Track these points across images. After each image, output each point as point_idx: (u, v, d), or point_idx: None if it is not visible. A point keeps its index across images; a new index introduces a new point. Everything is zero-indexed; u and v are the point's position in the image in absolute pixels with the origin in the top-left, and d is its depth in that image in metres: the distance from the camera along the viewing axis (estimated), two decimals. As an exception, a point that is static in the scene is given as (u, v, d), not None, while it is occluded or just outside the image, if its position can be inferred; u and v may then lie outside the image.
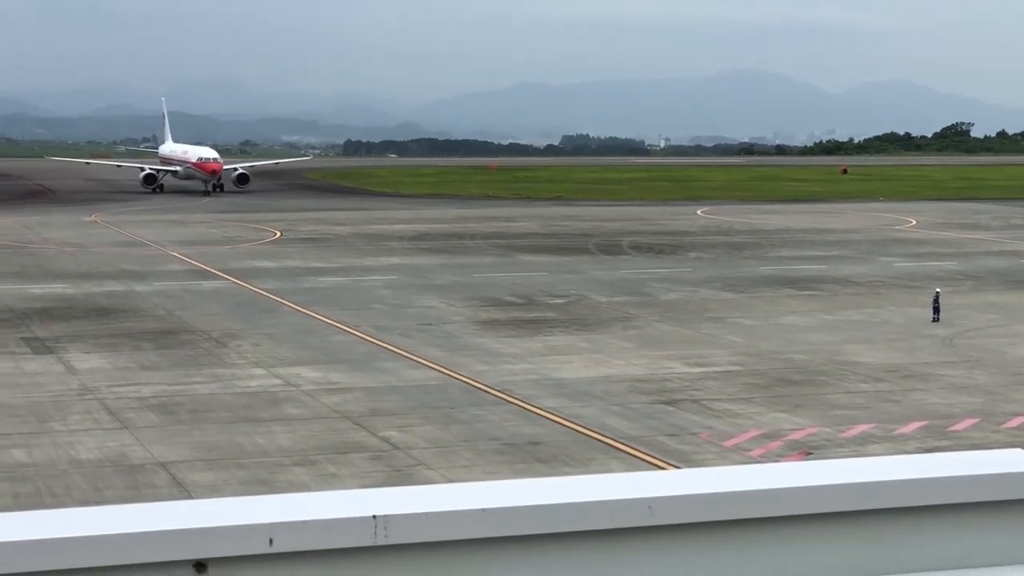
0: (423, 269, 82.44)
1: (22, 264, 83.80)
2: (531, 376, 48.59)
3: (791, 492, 4.24)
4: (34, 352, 53.09)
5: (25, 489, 33.97)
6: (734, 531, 4.18)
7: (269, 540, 3.76)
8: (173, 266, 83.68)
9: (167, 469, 35.87)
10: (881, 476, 4.36)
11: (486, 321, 61.49)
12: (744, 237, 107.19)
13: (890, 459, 4.62)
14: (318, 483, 34.25)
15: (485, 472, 35.57)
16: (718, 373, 49.61)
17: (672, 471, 4.73)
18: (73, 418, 41.54)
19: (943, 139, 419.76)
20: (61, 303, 66.38)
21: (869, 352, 53.98)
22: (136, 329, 58.59)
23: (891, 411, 43.48)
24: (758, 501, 4.20)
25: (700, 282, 76.48)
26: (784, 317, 63.27)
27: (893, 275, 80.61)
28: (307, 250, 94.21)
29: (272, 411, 42.71)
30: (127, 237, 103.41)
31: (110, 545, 3.68)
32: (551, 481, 4.23)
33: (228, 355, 52.70)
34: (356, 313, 63.46)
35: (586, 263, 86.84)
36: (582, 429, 40.58)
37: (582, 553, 4.07)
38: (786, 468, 4.49)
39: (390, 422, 41.28)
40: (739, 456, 37.80)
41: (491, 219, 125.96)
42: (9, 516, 3.80)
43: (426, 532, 3.90)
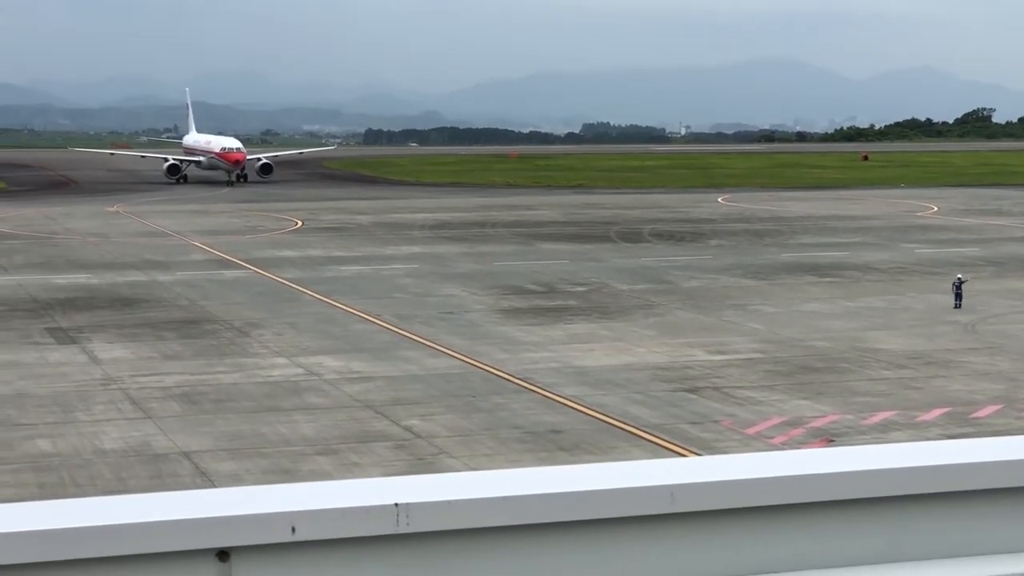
0: (444, 258, 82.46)
1: (46, 255, 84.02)
2: (552, 364, 48.59)
3: (813, 479, 4.24)
4: (58, 342, 53.25)
5: (50, 479, 34.10)
6: (756, 518, 4.18)
7: (292, 528, 3.78)
8: (195, 256, 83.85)
9: (190, 458, 35.97)
10: (904, 463, 4.36)
11: (507, 309, 61.50)
12: (765, 224, 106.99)
13: (912, 446, 4.62)
14: (340, 472, 34.31)
15: (507, 460, 35.60)
16: (740, 360, 49.56)
17: (694, 458, 4.73)
18: (97, 408, 41.68)
19: (964, 125, 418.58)
20: (84, 293, 66.55)
21: (891, 339, 53.87)
22: (159, 319, 58.72)
23: (913, 398, 43.40)
24: (780, 488, 4.21)
25: (721, 269, 76.39)
26: (805, 304, 63.16)
27: (914, 261, 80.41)
28: (329, 239, 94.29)
29: (294, 400, 42.78)
30: (150, 227, 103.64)
31: (133, 534, 3.70)
32: (573, 469, 4.24)
33: (250, 344, 52.80)
34: (377, 302, 63.50)
35: (607, 251, 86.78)
36: (604, 417, 40.58)
37: (604, 541, 4.08)
38: (808, 455, 4.49)
39: (412, 411, 41.33)
40: (761, 443, 37.77)
41: (512, 207, 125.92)
42: (34, 505, 3.82)
43: (448, 520, 3.91)
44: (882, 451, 4.51)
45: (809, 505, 4.24)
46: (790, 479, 4.23)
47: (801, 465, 4.33)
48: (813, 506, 4.24)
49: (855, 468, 4.31)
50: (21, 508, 3.82)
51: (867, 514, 4.29)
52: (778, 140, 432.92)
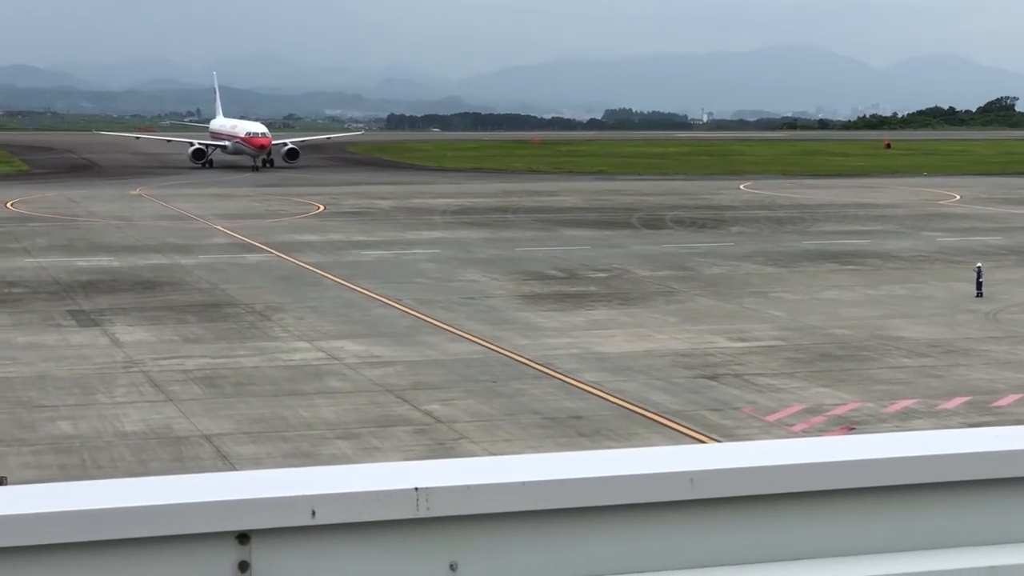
0: (466, 243, 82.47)
1: (68, 237, 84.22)
2: (573, 350, 48.56)
3: (833, 467, 4.25)
4: (79, 325, 53.38)
5: (71, 461, 34.19)
6: (778, 505, 4.19)
7: (312, 512, 3.80)
8: (217, 239, 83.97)
9: (211, 441, 36.04)
10: (924, 450, 4.37)
11: (528, 295, 61.49)
12: (787, 211, 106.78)
13: (933, 433, 4.62)
14: (361, 456, 34.34)
15: (527, 446, 35.60)
16: (760, 348, 49.48)
17: (714, 445, 4.73)
18: (118, 390, 41.77)
19: (987, 114, 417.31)
20: (106, 276, 66.70)
21: (912, 327, 53.75)
22: (180, 302, 58.83)
23: (934, 386, 43.29)
24: (800, 475, 4.21)
25: (742, 256, 76.28)
26: (827, 292, 63.03)
27: (936, 250, 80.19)
28: (350, 224, 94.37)
29: (315, 384, 42.83)
30: (172, 211, 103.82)
31: (154, 516, 3.72)
32: (593, 454, 4.25)
33: (272, 328, 52.87)
34: (398, 287, 63.54)
35: (628, 237, 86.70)
36: (624, 403, 40.56)
37: (624, 526, 4.09)
38: (828, 443, 4.49)
39: (432, 395, 41.35)
40: (781, 431, 37.72)
41: (534, 193, 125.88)
42: (55, 487, 3.84)
43: (467, 505, 3.93)
44: (903, 439, 4.52)
45: (829, 493, 4.24)
46: (810, 466, 4.24)
47: (821, 453, 4.34)
48: (833, 493, 4.25)
49: (875, 456, 4.32)
50: (43, 489, 3.84)
51: (887, 502, 4.29)
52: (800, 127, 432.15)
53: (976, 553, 4.34)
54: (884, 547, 4.29)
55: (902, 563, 4.26)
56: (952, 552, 4.34)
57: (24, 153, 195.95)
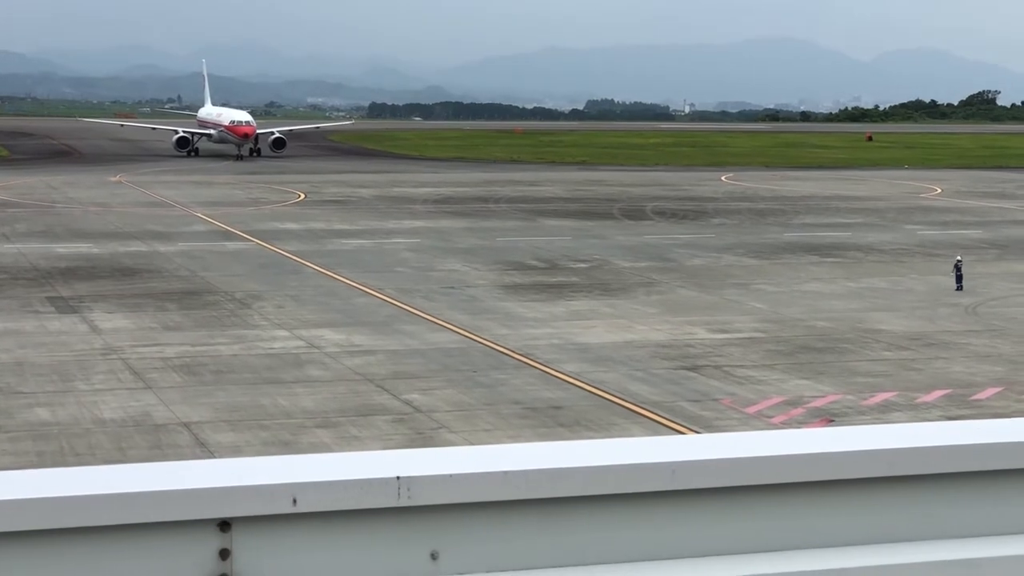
0: (447, 232, 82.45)
1: (47, 223, 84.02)
2: (554, 340, 48.59)
3: (814, 458, 4.24)
4: (58, 311, 53.25)
5: (49, 447, 34.12)
6: (757, 496, 4.19)
7: (293, 500, 3.78)
8: (197, 227, 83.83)
9: (190, 429, 36.00)
10: (903, 443, 4.36)
11: (509, 285, 61.50)
12: (768, 203, 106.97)
13: (912, 426, 4.62)
14: (341, 445, 34.33)
15: (507, 436, 35.63)
16: (741, 339, 49.56)
17: (696, 436, 4.73)
18: (97, 378, 41.69)
19: (969, 107, 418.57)
20: (85, 263, 66.55)
21: (892, 320, 53.88)
22: (160, 289, 58.73)
23: (914, 379, 43.40)
24: (781, 466, 4.21)
25: (724, 248, 76.39)
26: (807, 284, 63.16)
27: (917, 243, 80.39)
28: (331, 212, 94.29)
29: (295, 373, 42.80)
30: (152, 197, 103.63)
31: (134, 503, 3.70)
32: (573, 444, 4.24)
33: (251, 316, 52.80)
34: (379, 276, 63.50)
35: (610, 228, 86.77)
36: (604, 394, 40.60)
37: (605, 516, 4.08)
38: (809, 434, 4.49)
39: (412, 385, 41.34)
40: (761, 423, 37.81)
41: (515, 183, 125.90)
42: (32, 473, 3.82)
43: (449, 494, 3.91)
44: (882, 432, 4.51)
45: (809, 484, 4.24)
46: (790, 458, 4.24)
47: (801, 444, 4.33)
48: (813, 485, 4.24)
49: (854, 448, 4.32)
50: (20, 476, 3.82)
51: (866, 494, 4.29)
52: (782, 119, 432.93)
53: (954, 545, 4.34)
54: (863, 539, 4.29)
55: (881, 555, 4.27)
56: (930, 544, 4.34)
57: (3, 139, 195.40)
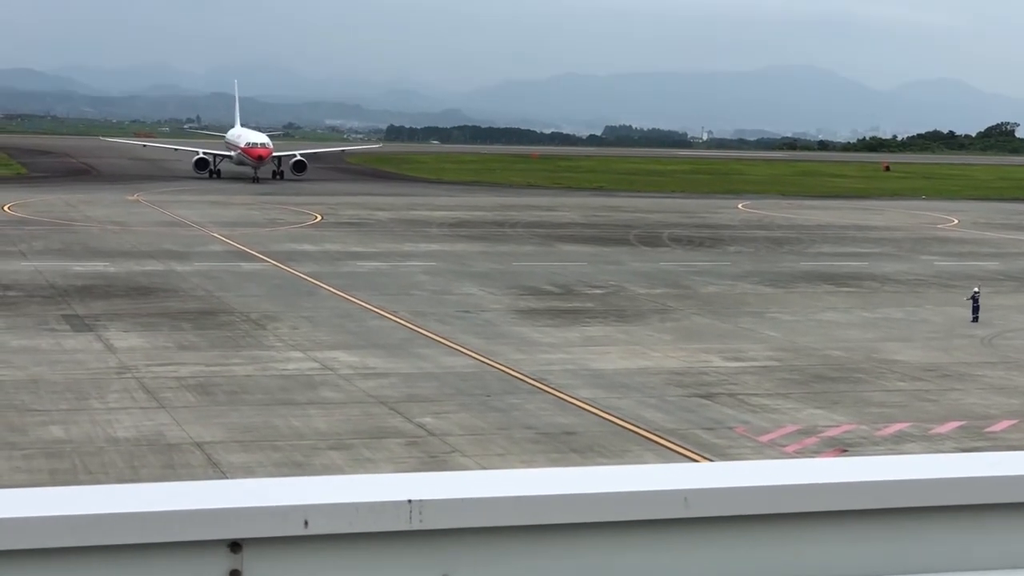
0: (462, 256, 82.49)
1: (65, 241, 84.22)
2: (568, 366, 48.54)
3: (826, 488, 4.24)
4: (74, 329, 53.33)
5: (62, 465, 34.12)
6: (770, 525, 4.18)
7: (304, 522, 3.78)
8: (214, 247, 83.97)
9: (203, 449, 35.99)
10: (917, 474, 4.35)
11: (524, 310, 61.47)
12: (785, 232, 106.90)
13: (926, 457, 4.61)
14: (353, 467, 34.30)
15: (520, 461, 35.57)
16: (755, 368, 49.48)
17: (709, 463, 4.71)
18: (111, 396, 41.71)
19: (987, 139, 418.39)
20: (102, 281, 66.67)
21: (907, 350, 53.76)
22: (175, 309, 58.79)
23: (928, 410, 43.28)
24: (794, 496, 4.20)
25: (739, 276, 76.32)
26: (823, 313, 63.05)
27: (933, 274, 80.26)
28: (347, 234, 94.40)
29: (308, 394, 42.79)
30: (169, 217, 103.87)
31: (146, 523, 3.71)
32: (585, 470, 4.24)
33: (266, 337, 52.83)
34: (394, 298, 63.53)
35: (626, 254, 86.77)
36: (618, 420, 40.53)
37: (617, 544, 4.08)
38: (821, 464, 4.49)
39: (426, 408, 41.31)
40: (774, 451, 37.71)
41: (532, 208, 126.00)
42: (45, 491, 3.83)
43: (461, 518, 3.91)
44: (895, 462, 4.50)
45: (822, 514, 4.23)
46: (803, 487, 4.23)
47: (814, 474, 4.33)
48: (825, 515, 4.23)
49: (867, 478, 4.31)
50: (33, 494, 3.82)
51: (878, 525, 4.28)
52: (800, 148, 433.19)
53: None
54: (875, 570, 4.28)
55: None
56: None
57: (23, 156, 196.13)
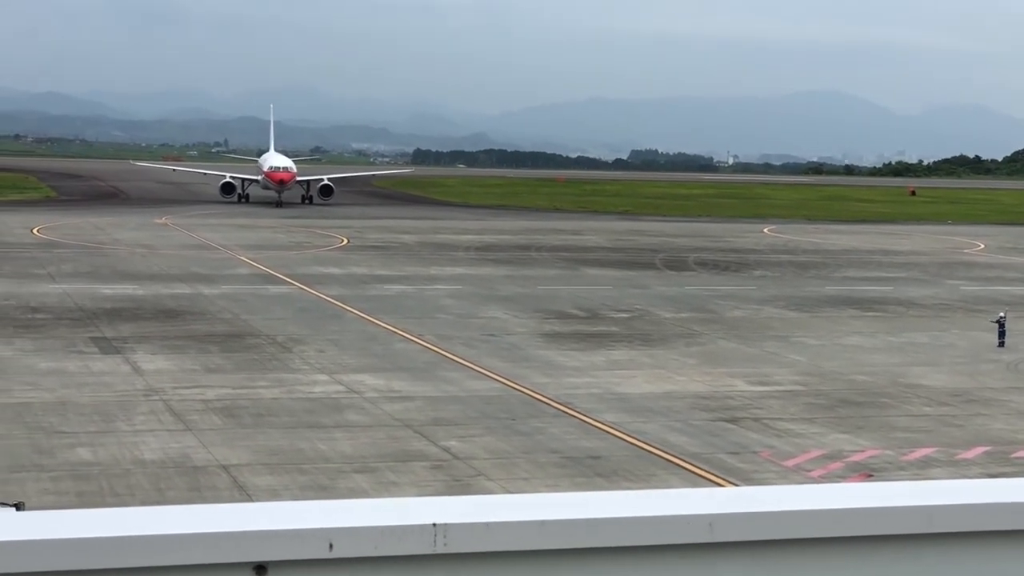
0: (488, 280, 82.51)
1: (93, 264, 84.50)
2: (593, 390, 48.50)
3: (852, 513, 4.23)
4: (102, 352, 53.48)
5: (89, 487, 34.21)
6: (795, 550, 4.18)
7: (329, 545, 3.79)
8: (240, 270, 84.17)
9: (229, 472, 36.04)
10: (943, 499, 4.35)
11: (549, 333, 61.45)
12: (810, 256, 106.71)
13: (952, 483, 4.60)
14: (378, 491, 34.32)
15: (544, 485, 35.54)
16: (780, 392, 49.38)
17: (734, 488, 4.71)
18: (138, 418, 41.81)
19: (1014, 163, 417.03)
20: (130, 304, 66.86)
21: (933, 375, 53.60)
22: (202, 332, 58.93)
23: (954, 435, 43.13)
24: (820, 521, 4.20)
25: (764, 300, 76.19)
26: (848, 338, 62.89)
27: (959, 298, 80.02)
28: (373, 257, 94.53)
29: (334, 417, 42.83)
30: (196, 240, 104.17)
31: (171, 545, 3.73)
32: (610, 495, 4.24)
33: (292, 360, 52.90)
34: (420, 322, 63.56)
35: (651, 278, 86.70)
36: (643, 444, 40.47)
37: (641, 568, 4.08)
38: (847, 489, 4.48)
39: (451, 432, 41.31)
40: (799, 476, 37.61)
41: (558, 232, 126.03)
42: (72, 513, 3.85)
43: (485, 542, 3.92)
44: (921, 487, 4.50)
45: (847, 539, 4.23)
46: (829, 512, 4.23)
47: (839, 499, 4.33)
48: (851, 540, 4.23)
49: (893, 504, 4.30)
50: (60, 516, 3.85)
51: (904, 551, 4.28)
52: (826, 172, 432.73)
53: None
54: None
55: None
56: None
57: (52, 180, 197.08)
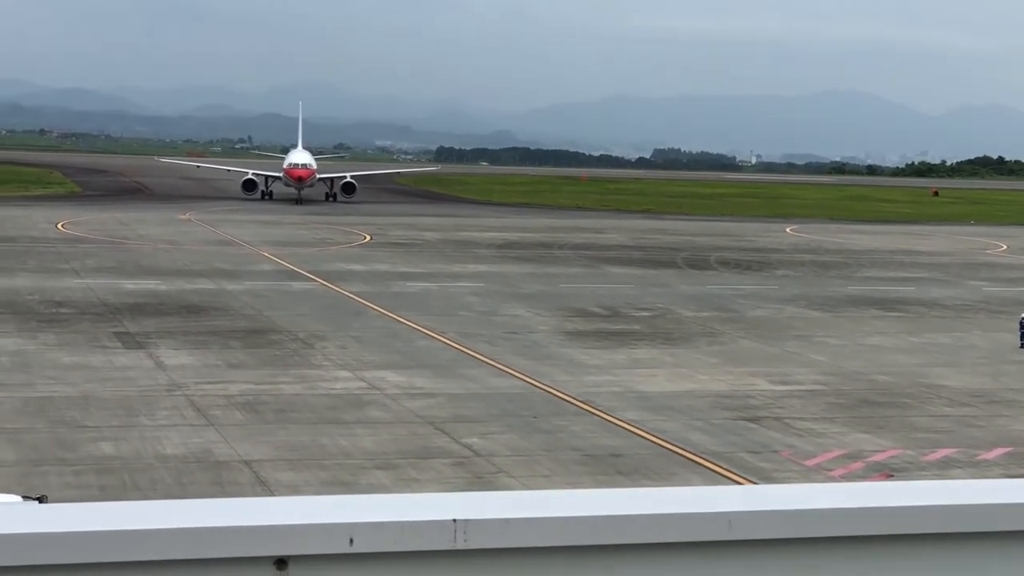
0: (511, 277, 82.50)
1: (117, 259, 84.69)
2: (614, 388, 48.47)
3: (871, 512, 4.24)
4: (125, 347, 53.59)
5: (112, 481, 34.29)
6: (814, 549, 4.19)
7: (350, 539, 3.82)
8: (264, 266, 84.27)
9: (251, 467, 36.10)
10: (964, 499, 4.35)
11: (571, 332, 61.42)
12: (832, 256, 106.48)
13: (973, 483, 4.60)
14: (399, 487, 34.34)
15: (566, 482, 35.52)
16: (802, 392, 49.30)
17: (753, 486, 4.72)
18: (160, 413, 41.88)
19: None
20: (153, 299, 66.98)
21: (954, 376, 53.46)
22: (225, 327, 59.02)
23: (975, 436, 43.01)
24: (838, 519, 4.21)
25: (786, 300, 76.06)
26: (869, 338, 62.76)
27: (981, 299, 79.79)
28: (396, 254, 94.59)
29: (356, 414, 42.86)
30: (219, 236, 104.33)
31: (192, 538, 3.75)
32: (629, 492, 4.26)
33: (314, 356, 52.96)
34: (442, 319, 63.57)
35: (673, 277, 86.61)
36: (664, 443, 40.45)
37: (660, 565, 4.09)
38: (867, 488, 4.49)
39: (472, 429, 41.32)
40: (820, 476, 37.55)
41: (580, 230, 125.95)
42: (95, 506, 3.87)
43: (506, 538, 3.94)
44: (942, 487, 4.50)
45: (866, 538, 4.24)
46: (848, 511, 4.24)
47: (859, 497, 4.34)
48: (870, 539, 4.24)
49: (914, 503, 4.31)
50: (82, 508, 3.87)
51: (924, 550, 4.28)
52: (849, 172, 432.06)
53: None
54: None
55: None
56: None
57: (77, 175, 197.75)
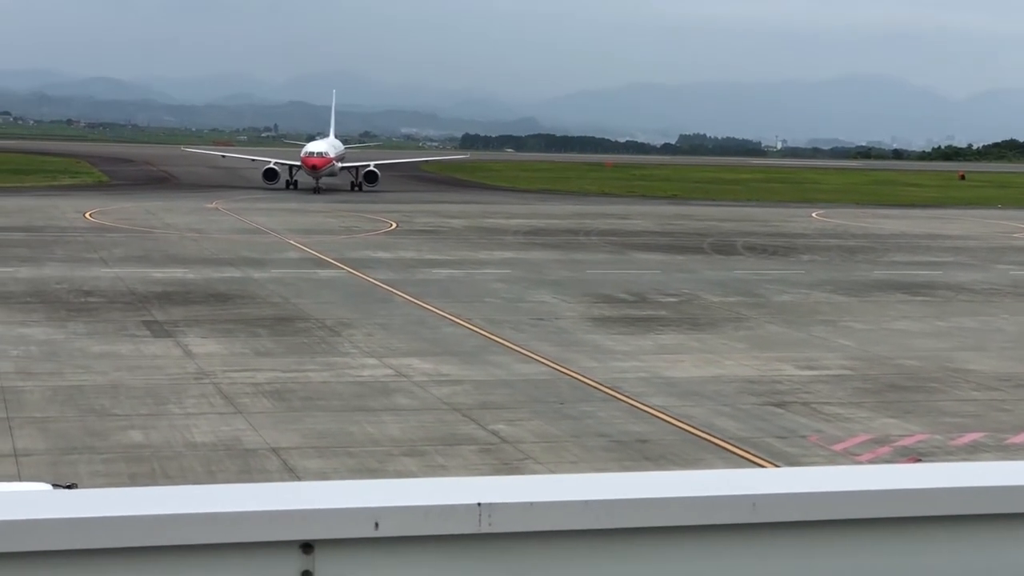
0: (537, 264, 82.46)
1: (145, 248, 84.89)
2: (641, 374, 48.42)
3: (896, 494, 4.25)
4: (153, 335, 53.72)
5: (141, 469, 34.39)
6: (838, 531, 4.20)
7: (375, 524, 3.84)
8: (290, 254, 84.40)
9: (278, 455, 36.18)
10: (991, 481, 4.35)
11: (598, 318, 61.38)
12: (858, 241, 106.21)
13: (1000, 465, 4.60)
14: (426, 473, 34.34)
15: (592, 468, 35.52)
16: (828, 376, 49.18)
17: (777, 469, 4.72)
18: (189, 401, 41.98)
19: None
20: (181, 288, 67.13)
21: (981, 360, 53.28)
22: (252, 315, 59.12)
23: (1003, 420, 42.88)
24: (863, 502, 4.22)
25: (813, 284, 75.88)
26: (896, 322, 62.58)
27: (1009, 283, 79.50)
28: (422, 242, 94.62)
29: (383, 401, 42.90)
30: (247, 224, 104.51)
31: (220, 523, 3.78)
32: (654, 475, 4.27)
33: (341, 344, 53.02)
34: (468, 306, 63.57)
35: (699, 262, 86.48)
36: (690, 428, 40.41)
37: (684, 548, 4.11)
38: (891, 470, 4.50)
39: (499, 415, 41.33)
40: (848, 460, 37.46)
41: (606, 216, 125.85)
42: (123, 491, 3.91)
43: (530, 522, 3.96)
44: (969, 469, 4.51)
45: (891, 520, 4.24)
46: (872, 493, 4.25)
47: (884, 480, 4.35)
48: (895, 521, 4.25)
49: (941, 485, 4.31)
50: (112, 494, 3.90)
51: (952, 532, 4.29)
52: (874, 157, 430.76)
53: None
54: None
55: None
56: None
57: (104, 164, 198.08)
